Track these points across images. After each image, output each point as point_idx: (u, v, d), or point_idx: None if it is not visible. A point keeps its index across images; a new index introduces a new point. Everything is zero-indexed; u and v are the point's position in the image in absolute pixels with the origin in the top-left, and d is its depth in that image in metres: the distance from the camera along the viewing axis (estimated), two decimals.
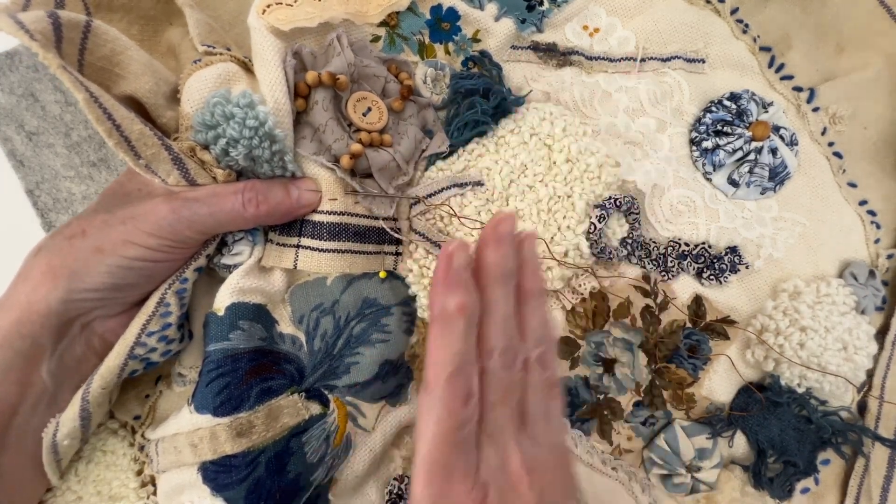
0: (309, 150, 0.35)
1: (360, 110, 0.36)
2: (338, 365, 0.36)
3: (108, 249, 0.31)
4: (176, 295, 0.34)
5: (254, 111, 0.31)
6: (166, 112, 0.33)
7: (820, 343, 0.40)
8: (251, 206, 0.33)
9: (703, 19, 0.44)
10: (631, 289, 0.41)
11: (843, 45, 0.45)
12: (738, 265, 0.41)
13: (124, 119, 0.29)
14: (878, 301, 0.43)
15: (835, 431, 0.41)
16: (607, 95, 0.42)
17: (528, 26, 0.42)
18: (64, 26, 0.28)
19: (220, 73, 0.33)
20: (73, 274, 0.30)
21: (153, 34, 0.37)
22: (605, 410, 0.41)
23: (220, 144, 0.32)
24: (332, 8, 0.36)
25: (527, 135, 0.40)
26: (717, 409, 0.41)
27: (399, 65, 0.39)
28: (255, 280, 0.35)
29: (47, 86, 0.42)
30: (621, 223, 0.41)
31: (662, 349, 0.41)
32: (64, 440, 0.32)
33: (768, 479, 0.41)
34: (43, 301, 0.30)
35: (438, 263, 0.27)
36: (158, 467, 0.34)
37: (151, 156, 0.30)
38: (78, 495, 0.35)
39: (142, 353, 0.33)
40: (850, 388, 0.42)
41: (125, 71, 0.31)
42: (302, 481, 0.34)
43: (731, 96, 0.43)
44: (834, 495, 0.43)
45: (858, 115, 0.45)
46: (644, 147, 0.42)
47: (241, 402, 0.32)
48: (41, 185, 0.41)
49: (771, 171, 0.42)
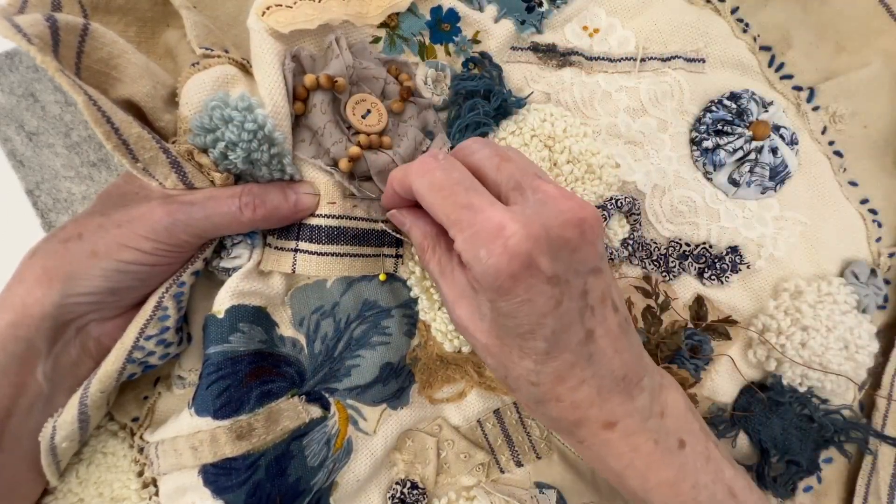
0: (308, 153, 0.35)
1: (360, 112, 0.36)
2: (338, 368, 0.36)
3: (103, 253, 0.31)
4: (173, 298, 0.33)
5: (252, 114, 0.31)
6: (164, 115, 0.33)
7: (822, 342, 0.40)
8: (248, 210, 0.33)
9: (703, 19, 0.44)
10: (632, 289, 0.41)
11: (843, 43, 0.45)
12: (740, 265, 0.41)
13: (122, 122, 0.29)
14: (880, 300, 0.43)
15: (837, 430, 0.41)
16: (607, 96, 0.42)
17: (528, 27, 0.42)
18: (61, 30, 0.28)
19: (218, 76, 0.33)
20: (68, 277, 0.30)
21: (150, 36, 0.37)
22: None
23: (219, 148, 0.32)
24: (331, 10, 0.36)
25: (528, 136, 0.40)
26: (720, 410, 0.41)
27: (399, 66, 0.39)
28: (254, 283, 0.35)
29: (47, 86, 0.42)
30: (622, 224, 0.41)
31: (664, 350, 0.41)
32: (62, 442, 0.32)
33: (771, 478, 0.41)
34: (38, 304, 0.30)
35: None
36: (159, 470, 0.34)
37: (149, 159, 0.30)
38: (80, 497, 0.35)
39: (140, 357, 0.33)
40: (851, 386, 0.42)
41: (123, 74, 0.31)
42: (302, 485, 0.34)
43: (732, 96, 0.43)
44: (836, 493, 0.43)
45: (859, 113, 0.45)
46: (644, 147, 0.42)
47: (241, 405, 0.32)
48: (41, 185, 0.41)
49: (771, 170, 0.42)
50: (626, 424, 0.29)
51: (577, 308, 0.28)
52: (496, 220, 0.26)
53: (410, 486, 0.38)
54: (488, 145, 0.31)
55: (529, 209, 0.27)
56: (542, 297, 0.27)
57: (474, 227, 0.26)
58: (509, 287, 0.26)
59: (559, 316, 0.27)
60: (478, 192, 0.28)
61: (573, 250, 0.27)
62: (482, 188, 0.28)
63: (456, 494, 0.39)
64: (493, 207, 0.27)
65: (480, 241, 0.26)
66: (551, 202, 0.27)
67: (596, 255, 0.28)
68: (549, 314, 0.27)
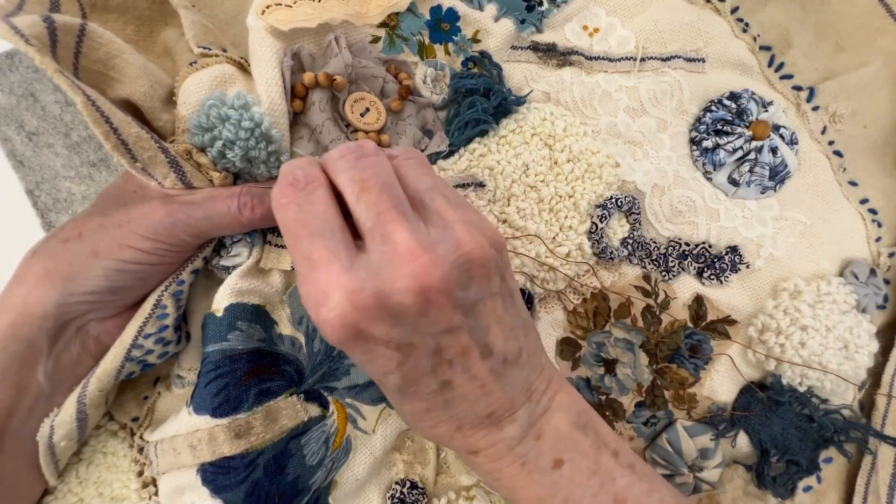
0: (306, 150, 0.35)
1: (358, 111, 0.36)
2: (337, 367, 0.36)
3: (103, 252, 0.31)
4: (172, 297, 0.33)
5: (249, 112, 0.31)
6: (162, 115, 0.33)
7: (821, 342, 0.40)
8: (247, 209, 0.33)
9: (702, 18, 0.44)
10: (632, 289, 0.41)
11: (843, 43, 0.45)
12: (739, 265, 0.41)
13: (121, 122, 0.29)
14: (879, 300, 0.43)
15: (837, 430, 0.41)
16: (607, 95, 0.42)
17: (528, 27, 0.42)
18: (59, 30, 0.28)
19: (216, 76, 0.33)
20: (68, 277, 0.30)
21: (148, 35, 0.37)
22: (606, 411, 0.41)
23: (217, 146, 0.32)
24: (331, 9, 0.36)
25: (528, 134, 0.40)
26: (720, 409, 0.41)
27: (398, 65, 0.39)
28: (253, 281, 0.35)
29: (47, 86, 0.42)
30: (622, 223, 0.41)
31: (664, 349, 0.41)
32: (61, 441, 0.32)
33: (771, 478, 0.41)
34: (39, 304, 0.30)
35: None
36: (158, 469, 0.34)
37: (148, 159, 0.30)
38: (79, 497, 0.35)
39: (139, 356, 0.33)
40: (851, 386, 0.42)
41: (120, 74, 0.31)
42: (301, 484, 0.34)
43: (731, 95, 0.43)
44: (836, 493, 0.43)
45: (858, 113, 0.45)
46: (644, 147, 0.42)
47: (239, 403, 0.32)
48: (41, 185, 0.41)
49: (771, 170, 0.42)
50: (489, 452, 0.29)
51: (429, 365, 0.26)
52: (322, 286, 0.24)
53: (410, 486, 0.38)
54: (352, 165, 0.26)
55: (372, 265, 0.24)
56: (381, 359, 0.25)
57: (307, 286, 0.24)
58: (344, 348, 0.25)
59: (404, 374, 0.26)
60: (323, 238, 0.24)
61: (418, 315, 0.24)
62: (333, 230, 0.25)
63: (455, 494, 0.39)
64: (328, 266, 0.24)
65: (309, 303, 0.24)
66: (396, 260, 0.24)
67: (447, 318, 0.25)
68: (391, 372, 0.26)
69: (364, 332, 0.24)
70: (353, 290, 0.23)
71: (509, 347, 0.28)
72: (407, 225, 0.25)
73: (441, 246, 0.25)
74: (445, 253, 0.25)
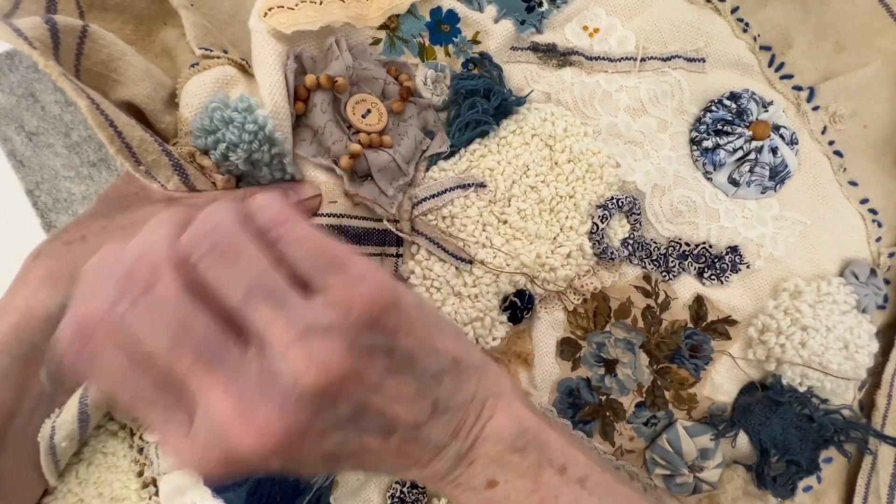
0: (308, 152, 0.35)
1: (360, 112, 0.36)
2: None
3: None
4: None
5: (252, 115, 0.31)
6: (165, 117, 0.33)
7: (821, 342, 0.40)
8: None
9: (703, 18, 0.44)
10: (632, 289, 0.41)
11: (843, 43, 0.45)
12: (739, 265, 0.41)
13: (125, 125, 0.29)
14: (880, 300, 0.43)
15: (837, 430, 0.41)
16: (608, 95, 0.42)
17: (528, 27, 0.42)
18: (61, 32, 0.28)
19: (217, 78, 0.33)
20: (72, 279, 0.30)
21: (147, 34, 0.37)
22: (606, 411, 0.41)
23: (220, 149, 0.32)
24: (332, 12, 0.36)
25: (529, 135, 0.40)
26: (720, 409, 0.41)
27: (399, 67, 0.39)
28: None
29: (47, 86, 0.42)
30: (622, 223, 0.41)
31: (664, 349, 0.41)
32: (62, 442, 0.32)
33: (771, 478, 0.41)
34: (42, 306, 0.30)
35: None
36: (159, 469, 0.34)
37: (152, 162, 0.30)
38: (79, 497, 0.35)
39: None
40: (851, 386, 0.42)
41: (122, 76, 0.31)
42: (302, 484, 0.34)
43: (732, 95, 0.43)
44: (836, 493, 0.43)
45: (858, 113, 0.45)
46: (644, 147, 0.42)
47: None
48: (41, 185, 0.41)
49: (771, 170, 0.42)
50: (426, 479, 0.28)
51: (333, 462, 0.24)
52: (176, 452, 0.21)
53: (410, 486, 0.38)
54: (213, 250, 0.21)
55: (213, 425, 0.20)
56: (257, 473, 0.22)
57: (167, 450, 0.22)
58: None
59: (289, 468, 0.22)
60: (154, 406, 0.21)
61: (287, 462, 0.21)
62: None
63: None
64: (171, 436, 0.21)
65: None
66: (226, 431, 0.19)
67: (317, 449, 0.22)
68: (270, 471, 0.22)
69: (218, 474, 0.21)
70: (200, 458, 0.20)
71: (416, 413, 0.25)
72: (219, 386, 0.19)
73: (270, 393, 0.20)
74: (283, 399, 0.19)
